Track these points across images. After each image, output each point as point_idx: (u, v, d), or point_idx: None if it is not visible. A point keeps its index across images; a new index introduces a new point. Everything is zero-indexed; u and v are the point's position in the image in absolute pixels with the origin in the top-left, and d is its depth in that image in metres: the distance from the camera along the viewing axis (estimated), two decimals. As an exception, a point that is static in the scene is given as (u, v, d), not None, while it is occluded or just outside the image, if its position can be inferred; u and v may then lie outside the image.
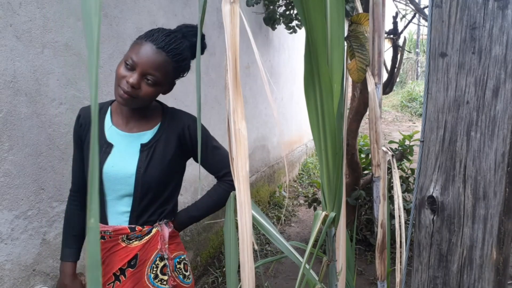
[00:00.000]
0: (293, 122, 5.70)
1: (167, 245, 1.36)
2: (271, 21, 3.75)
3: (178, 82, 1.39)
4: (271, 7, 3.82)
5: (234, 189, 1.49)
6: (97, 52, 0.30)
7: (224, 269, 3.09)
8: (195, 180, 2.98)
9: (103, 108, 1.38)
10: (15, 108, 1.58)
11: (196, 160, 1.44)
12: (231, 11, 0.50)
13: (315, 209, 3.84)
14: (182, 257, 1.45)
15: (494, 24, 0.77)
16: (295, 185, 5.57)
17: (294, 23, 3.93)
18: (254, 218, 1.11)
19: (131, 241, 1.35)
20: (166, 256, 1.36)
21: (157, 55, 1.22)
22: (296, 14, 3.74)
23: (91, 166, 0.32)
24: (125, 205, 1.34)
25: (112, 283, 1.35)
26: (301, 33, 4.31)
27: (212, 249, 3.36)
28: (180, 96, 2.63)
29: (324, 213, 0.98)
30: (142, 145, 1.32)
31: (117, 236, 1.34)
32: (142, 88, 1.23)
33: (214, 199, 1.44)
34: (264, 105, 4.53)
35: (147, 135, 1.34)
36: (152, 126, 1.36)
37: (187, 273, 1.44)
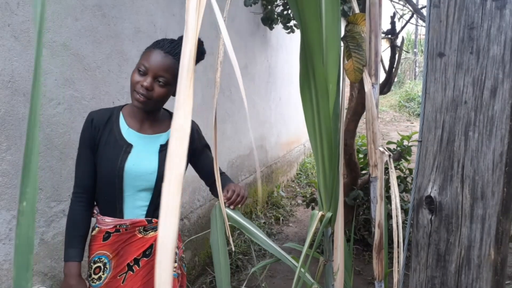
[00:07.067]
0: (291, 122, 5.70)
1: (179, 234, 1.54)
2: (269, 21, 3.75)
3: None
4: (269, 7, 3.82)
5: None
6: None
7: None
8: (193, 180, 2.97)
9: (114, 113, 1.48)
10: (13, 108, 1.57)
11: (191, 163, 1.61)
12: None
13: (313, 209, 3.84)
14: (183, 248, 1.59)
15: (492, 24, 0.78)
16: (293, 185, 5.57)
17: (292, 23, 3.93)
18: (246, 229, 1.14)
19: (147, 232, 1.47)
20: (177, 246, 1.47)
21: (166, 59, 1.37)
22: (294, 14, 3.74)
23: (27, 149, 0.31)
24: (143, 200, 1.45)
25: (124, 274, 1.43)
26: (299, 33, 4.28)
27: (210, 249, 3.36)
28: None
29: (320, 213, 0.98)
30: (162, 146, 1.47)
31: (134, 228, 1.45)
32: (155, 89, 1.37)
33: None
34: (262, 105, 4.53)
35: (163, 137, 1.48)
36: (166, 129, 1.50)
37: (186, 263, 1.62)
